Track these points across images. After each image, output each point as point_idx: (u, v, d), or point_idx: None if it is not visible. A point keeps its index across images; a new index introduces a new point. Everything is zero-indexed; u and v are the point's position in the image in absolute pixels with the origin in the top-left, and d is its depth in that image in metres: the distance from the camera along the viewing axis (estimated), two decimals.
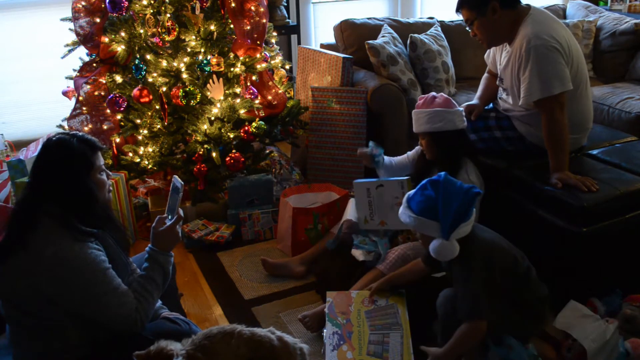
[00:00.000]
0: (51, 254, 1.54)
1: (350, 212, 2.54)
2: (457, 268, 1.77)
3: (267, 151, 3.25)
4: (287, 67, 3.51)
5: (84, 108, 2.96)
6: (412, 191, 1.78)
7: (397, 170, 2.56)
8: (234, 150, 2.92)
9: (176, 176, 1.88)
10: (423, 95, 2.35)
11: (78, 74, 3.00)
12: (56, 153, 1.63)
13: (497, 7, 2.32)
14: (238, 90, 2.96)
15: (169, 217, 1.83)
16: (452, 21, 4.03)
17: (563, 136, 2.28)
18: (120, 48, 2.81)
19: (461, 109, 2.35)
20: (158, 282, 1.72)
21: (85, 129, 2.94)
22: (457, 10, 2.43)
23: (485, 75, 2.78)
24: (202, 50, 2.84)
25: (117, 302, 1.60)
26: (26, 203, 1.64)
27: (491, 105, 2.71)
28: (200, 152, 2.89)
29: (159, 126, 2.90)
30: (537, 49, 2.26)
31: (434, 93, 2.33)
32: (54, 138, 1.66)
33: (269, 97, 3.11)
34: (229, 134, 2.93)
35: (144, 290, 1.67)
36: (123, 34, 2.80)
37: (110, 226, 1.73)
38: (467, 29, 2.45)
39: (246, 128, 2.94)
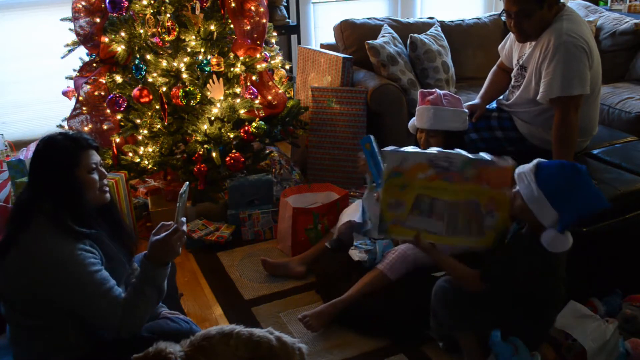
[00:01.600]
0: (41, 253, 1.53)
1: (352, 212, 2.54)
2: (519, 244, 1.76)
3: (267, 151, 3.24)
4: (287, 67, 3.51)
5: (84, 108, 2.95)
6: (547, 161, 1.72)
7: None
8: (234, 150, 2.92)
9: (187, 183, 1.76)
10: (427, 90, 2.31)
11: (78, 74, 2.99)
12: (41, 150, 1.64)
13: (553, 3, 2.31)
14: (238, 90, 2.96)
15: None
16: (452, 21, 4.03)
17: (572, 139, 2.28)
18: (120, 48, 2.81)
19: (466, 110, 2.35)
20: (147, 294, 1.61)
21: (85, 129, 2.94)
22: None
23: (495, 69, 2.75)
24: (202, 50, 2.83)
25: (104, 305, 1.55)
26: (22, 201, 1.64)
27: (494, 105, 2.69)
28: (200, 152, 2.89)
29: (159, 126, 2.90)
30: (567, 45, 2.25)
31: (438, 90, 2.31)
32: (46, 136, 1.67)
33: (269, 97, 3.11)
34: (229, 134, 2.93)
35: (128, 303, 1.59)
36: (123, 34, 2.80)
37: (107, 227, 1.72)
38: (504, 18, 2.38)
39: (246, 128, 2.94)
